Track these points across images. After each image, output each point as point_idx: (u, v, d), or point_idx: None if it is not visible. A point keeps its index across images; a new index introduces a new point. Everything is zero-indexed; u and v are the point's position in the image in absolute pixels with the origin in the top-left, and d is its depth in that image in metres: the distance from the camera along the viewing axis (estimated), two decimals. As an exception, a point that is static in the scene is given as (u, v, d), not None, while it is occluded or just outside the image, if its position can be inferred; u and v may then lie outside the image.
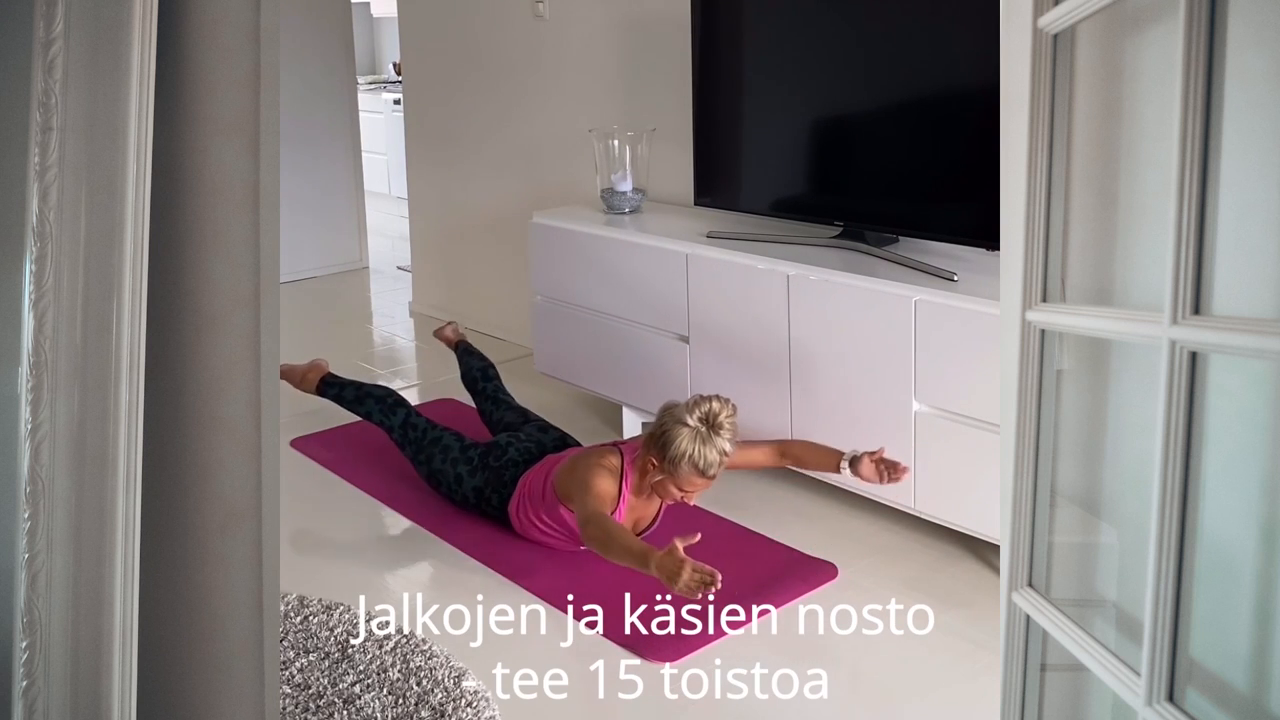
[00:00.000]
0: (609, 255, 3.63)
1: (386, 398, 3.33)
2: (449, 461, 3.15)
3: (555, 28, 4.38)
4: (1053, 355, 1.36)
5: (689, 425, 2.65)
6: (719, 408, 2.66)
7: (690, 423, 2.65)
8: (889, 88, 3.11)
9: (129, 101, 1.42)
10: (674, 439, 2.65)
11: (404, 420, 3.27)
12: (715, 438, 2.65)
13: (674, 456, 2.65)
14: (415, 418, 3.27)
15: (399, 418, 3.27)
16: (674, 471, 2.68)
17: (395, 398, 3.33)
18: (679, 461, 2.65)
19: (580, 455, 2.91)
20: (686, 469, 2.66)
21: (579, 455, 2.92)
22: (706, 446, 2.64)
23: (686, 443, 2.64)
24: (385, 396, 3.33)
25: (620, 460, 2.81)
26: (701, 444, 2.64)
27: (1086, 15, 1.23)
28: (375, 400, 3.33)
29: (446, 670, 2.47)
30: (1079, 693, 1.39)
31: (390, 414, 3.29)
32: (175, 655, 1.58)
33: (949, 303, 2.76)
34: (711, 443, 2.64)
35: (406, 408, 3.30)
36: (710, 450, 2.64)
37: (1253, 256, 0.97)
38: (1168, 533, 1.05)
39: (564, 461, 2.93)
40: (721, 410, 2.66)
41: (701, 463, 2.65)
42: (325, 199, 6.18)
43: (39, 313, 1.42)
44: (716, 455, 2.66)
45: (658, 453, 2.70)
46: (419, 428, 3.25)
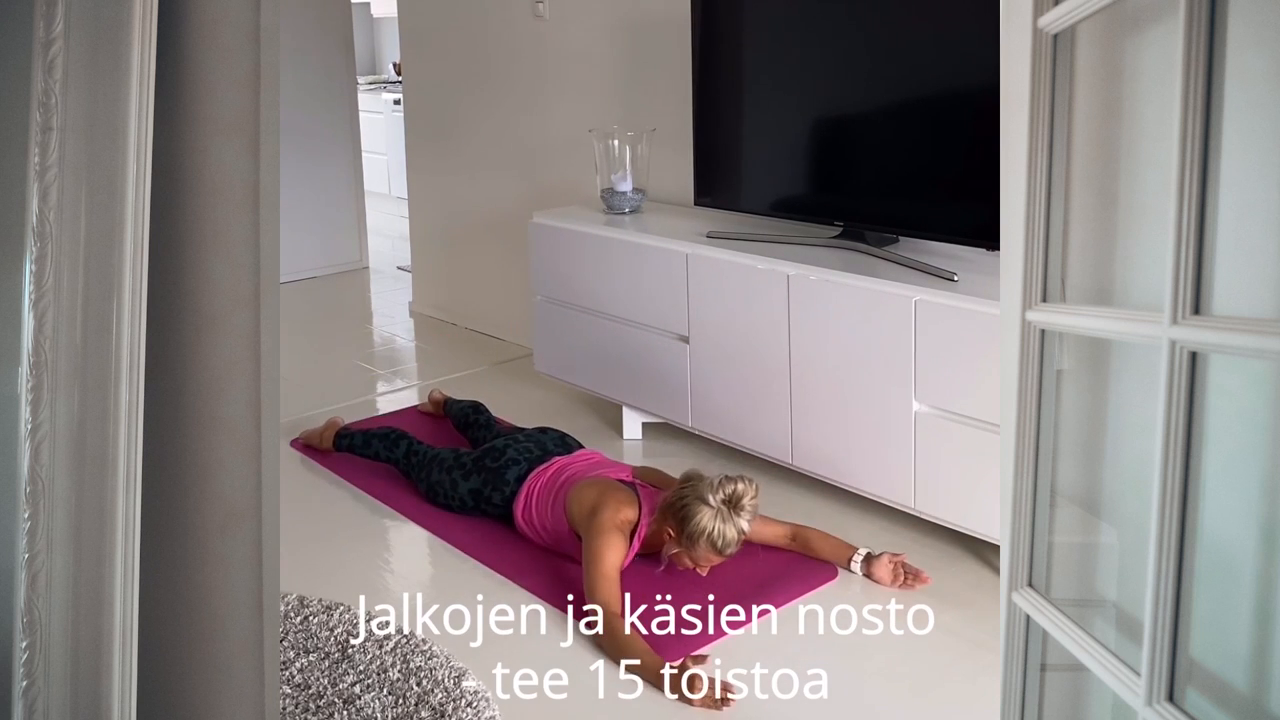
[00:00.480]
0: (609, 255, 3.63)
1: (389, 434, 3.49)
2: (444, 471, 3.20)
3: (555, 28, 4.38)
4: (1053, 355, 1.36)
5: (711, 505, 2.64)
6: (744, 490, 2.65)
7: (713, 503, 2.64)
8: (889, 88, 3.11)
9: (129, 101, 1.42)
10: (694, 515, 2.64)
11: (406, 450, 3.40)
12: (736, 518, 2.65)
13: (693, 532, 2.64)
14: (417, 445, 3.41)
15: (402, 449, 3.42)
16: (691, 547, 2.67)
17: (398, 433, 3.49)
18: (698, 539, 2.64)
19: (597, 494, 2.84)
20: (704, 546, 2.65)
21: (595, 490, 2.86)
22: (726, 525, 2.64)
23: (707, 521, 2.63)
24: (388, 434, 3.49)
25: (637, 512, 2.80)
26: (722, 523, 2.64)
27: (1086, 15, 1.23)
28: (379, 439, 3.49)
29: (446, 670, 2.47)
30: (1079, 693, 1.39)
31: (394, 447, 3.44)
32: (175, 655, 1.58)
33: (949, 303, 2.76)
34: (731, 521, 2.64)
35: (409, 439, 3.44)
36: (730, 529, 2.64)
37: (1253, 256, 0.97)
38: (1168, 533, 1.05)
39: (577, 485, 2.91)
40: (746, 493, 2.65)
41: (720, 541, 2.64)
42: (325, 199, 6.18)
43: (39, 313, 1.42)
44: (735, 534, 2.65)
45: (676, 525, 2.68)
46: (420, 452, 3.37)
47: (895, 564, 2.83)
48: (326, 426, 3.68)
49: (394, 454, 3.42)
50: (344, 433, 3.61)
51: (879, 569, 2.84)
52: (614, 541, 2.71)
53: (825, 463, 3.12)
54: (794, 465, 3.21)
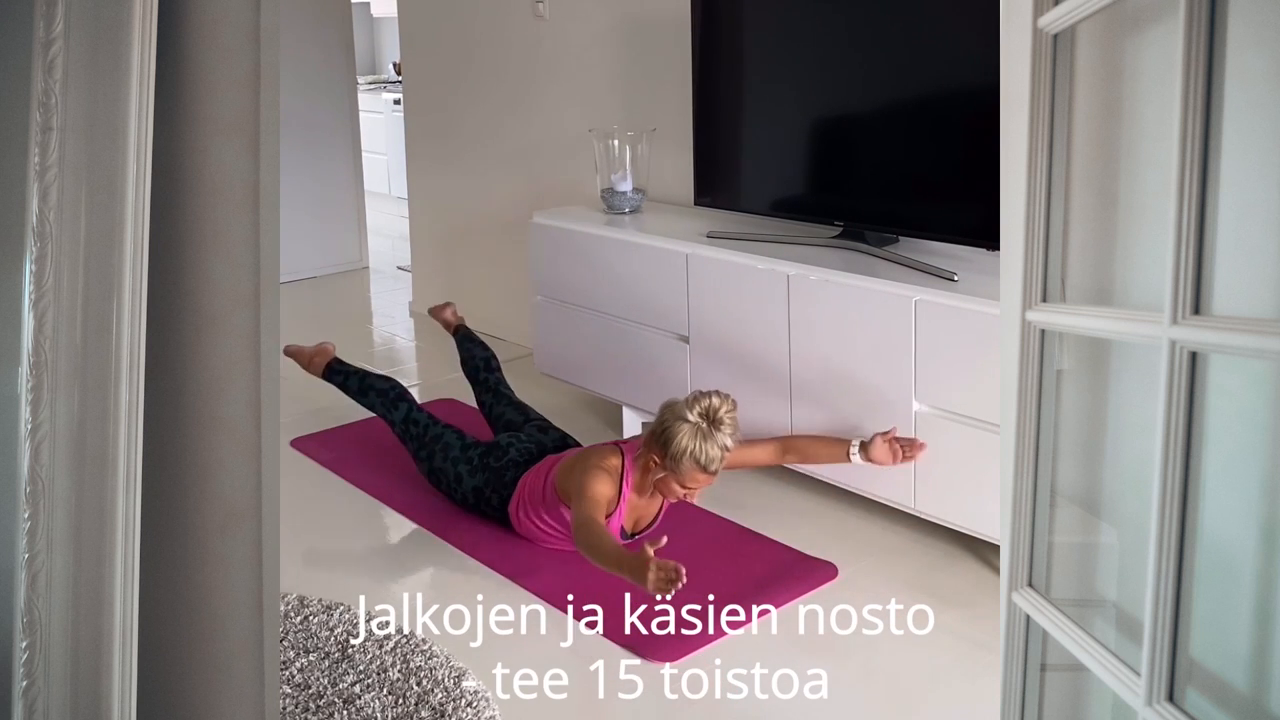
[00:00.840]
0: (609, 255, 3.63)
1: (389, 391, 3.33)
2: (449, 460, 3.16)
3: (555, 28, 4.38)
4: (1053, 355, 1.36)
5: (689, 421, 2.66)
6: (719, 403, 2.67)
7: (691, 418, 2.66)
8: (889, 88, 3.11)
9: (129, 101, 1.42)
10: (675, 435, 2.66)
11: (405, 415, 3.27)
12: (716, 433, 2.66)
13: (675, 453, 2.66)
14: (417, 413, 3.28)
15: (400, 412, 3.28)
16: (676, 468, 2.68)
17: (398, 391, 3.33)
18: (680, 458, 2.66)
19: (581, 455, 2.91)
20: (688, 465, 2.66)
21: (579, 455, 2.92)
22: (708, 442, 2.65)
23: (688, 439, 2.65)
24: (388, 390, 3.33)
25: (621, 460, 2.82)
26: (703, 440, 2.65)
27: (1086, 15, 1.23)
28: (378, 394, 3.33)
29: (446, 670, 2.47)
30: (1079, 693, 1.39)
31: (392, 408, 3.29)
32: (175, 655, 1.58)
33: (949, 303, 2.76)
34: (712, 438, 2.65)
35: (409, 402, 3.30)
36: (711, 446, 2.65)
37: (1253, 256, 0.97)
38: (1168, 533, 1.05)
39: (564, 460, 2.93)
40: (721, 405, 2.67)
41: (703, 458, 2.66)
42: (325, 199, 6.18)
43: (39, 313, 1.42)
44: (718, 450, 2.66)
45: (659, 450, 2.71)
46: (420, 424, 3.25)
47: (889, 442, 2.82)
48: (318, 352, 3.44)
49: (391, 415, 3.28)
50: (338, 367, 3.41)
51: (876, 452, 2.83)
52: (599, 477, 2.74)
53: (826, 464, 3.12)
54: (794, 465, 3.21)
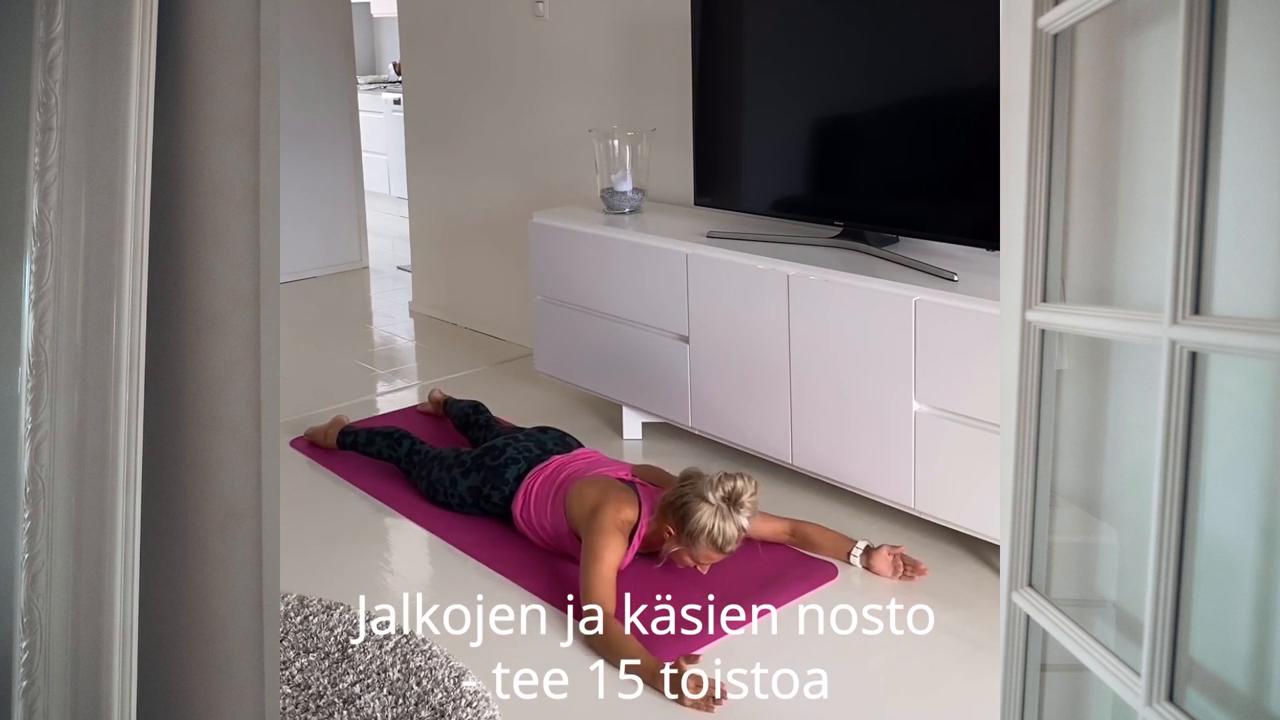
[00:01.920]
0: (609, 255, 3.63)
1: (393, 433, 3.50)
2: (444, 469, 3.21)
3: (555, 28, 4.38)
4: (1053, 355, 1.36)
5: (711, 503, 2.63)
6: (744, 487, 2.65)
7: (713, 500, 2.63)
8: (889, 88, 3.11)
9: (129, 101, 1.42)
10: (694, 513, 2.64)
11: (409, 449, 3.42)
12: (736, 514, 2.64)
13: (693, 530, 2.64)
14: (419, 445, 3.42)
15: (404, 448, 3.43)
16: (691, 545, 2.67)
17: (400, 432, 3.50)
18: (698, 536, 2.64)
19: (597, 496, 2.83)
20: (704, 544, 2.65)
21: (596, 492, 2.84)
22: (726, 522, 2.63)
23: (707, 518, 2.63)
24: (391, 432, 3.51)
25: (637, 512, 2.79)
26: (722, 520, 2.63)
27: (1086, 15, 1.23)
28: (383, 437, 3.51)
29: (446, 670, 2.47)
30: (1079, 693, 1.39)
31: (396, 446, 3.45)
32: (175, 655, 1.58)
33: (949, 303, 2.76)
34: (731, 519, 2.64)
35: (411, 439, 3.45)
36: (730, 526, 2.64)
37: (1253, 256, 0.97)
38: (1168, 533, 1.05)
39: (577, 484, 2.90)
40: (745, 489, 2.65)
41: (720, 539, 2.64)
42: (325, 199, 6.18)
43: (39, 313, 1.42)
44: (735, 531, 2.65)
45: (676, 523, 2.68)
46: (421, 451, 3.39)
47: (894, 556, 2.86)
48: (331, 425, 3.70)
49: (396, 453, 3.43)
50: (348, 430, 3.62)
51: (878, 561, 2.87)
52: (613, 542, 2.71)
53: (825, 463, 3.12)
54: (794, 465, 3.21)
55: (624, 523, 2.76)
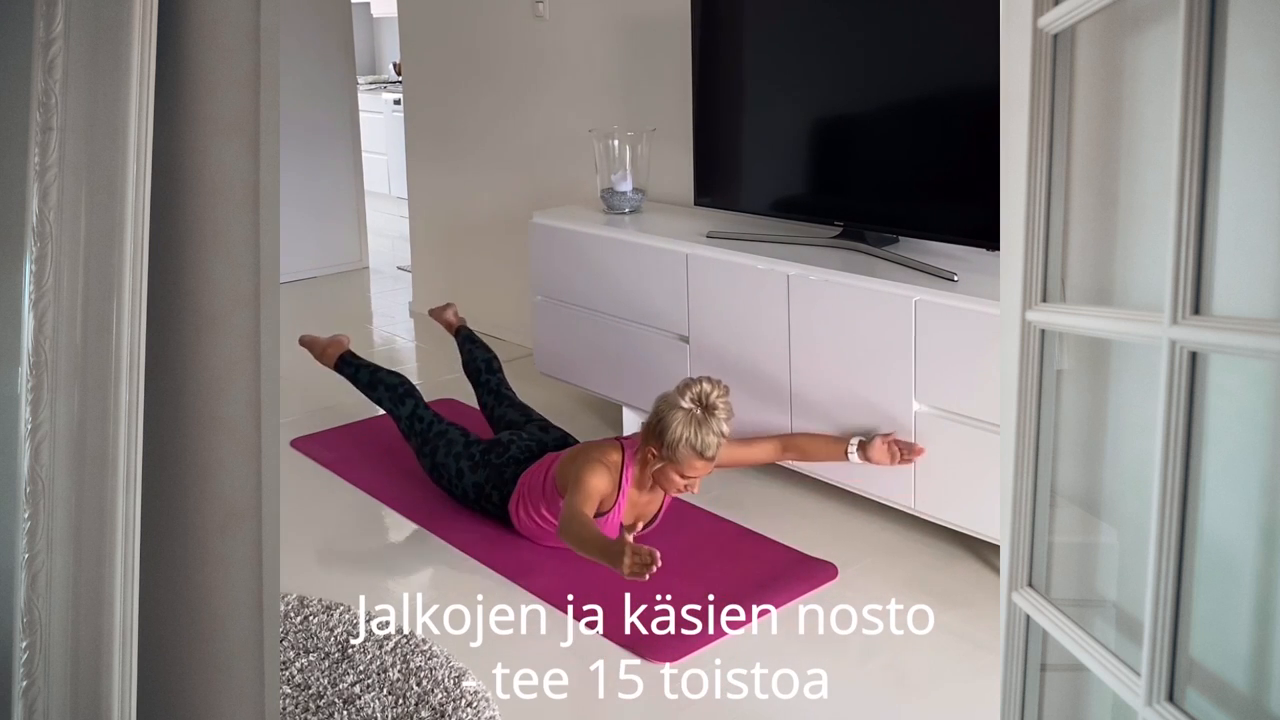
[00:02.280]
0: (609, 255, 3.63)
1: (398, 386, 3.35)
2: (452, 455, 3.17)
3: (555, 28, 4.38)
4: (1053, 355, 1.36)
5: (683, 408, 2.68)
6: (710, 388, 2.70)
7: (684, 405, 2.68)
8: (889, 88, 3.11)
9: (129, 101, 1.42)
10: (670, 424, 2.68)
11: (411, 411, 3.30)
12: (711, 418, 2.68)
13: (672, 441, 2.68)
14: (423, 410, 3.30)
15: (407, 408, 3.31)
16: (674, 457, 2.70)
17: (406, 387, 3.36)
18: (677, 446, 2.68)
19: (581, 449, 2.92)
20: (685, 452, 2.68)
21: (580, 449, 2.94)
22: (703, 428, 2.67)
23: (682, 426, 2.67)
24: (397, 385, 3.36)
25: (621, 455, 2.83)
26: (698, 426, 2.67)
27: (1086, 15, 1.23)
28: (387, 388, 3.36)
29: (446, 670, 2.47)
30: (1079, 693, 1.39)
31: (399, 403, 3.32)
32: (175, 655, 1.58)
33: (949, 303, 2.76)
34: (707, 424, 2.67)
35: (416, 398, 3.33)
36: (707, 432, 2.67)
37: (1253, 256, 0.97)
38: (1168, 533, 1.05)
39: (564, 455, 2.94)
40: (713, 390, 2.69)
41: (699, 444, 2.67)
42: (325, 199, 6.18)
43: (39, 313, 1.42)
44: (714, 436, 2.68)
45: (656, 442, 2.72)
46: (425, 420, 3.27)
47: (888, 443, 2.88)
48: (331, 344, 3.53)
49: (398, 410, 3.31)
50: (349, 359, 3.48)
51: (875, 453, 2.89)
52: (596, 470, 2.75)
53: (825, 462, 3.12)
54: (794, 465, 3.21)
55: (610, 462, 2.80)
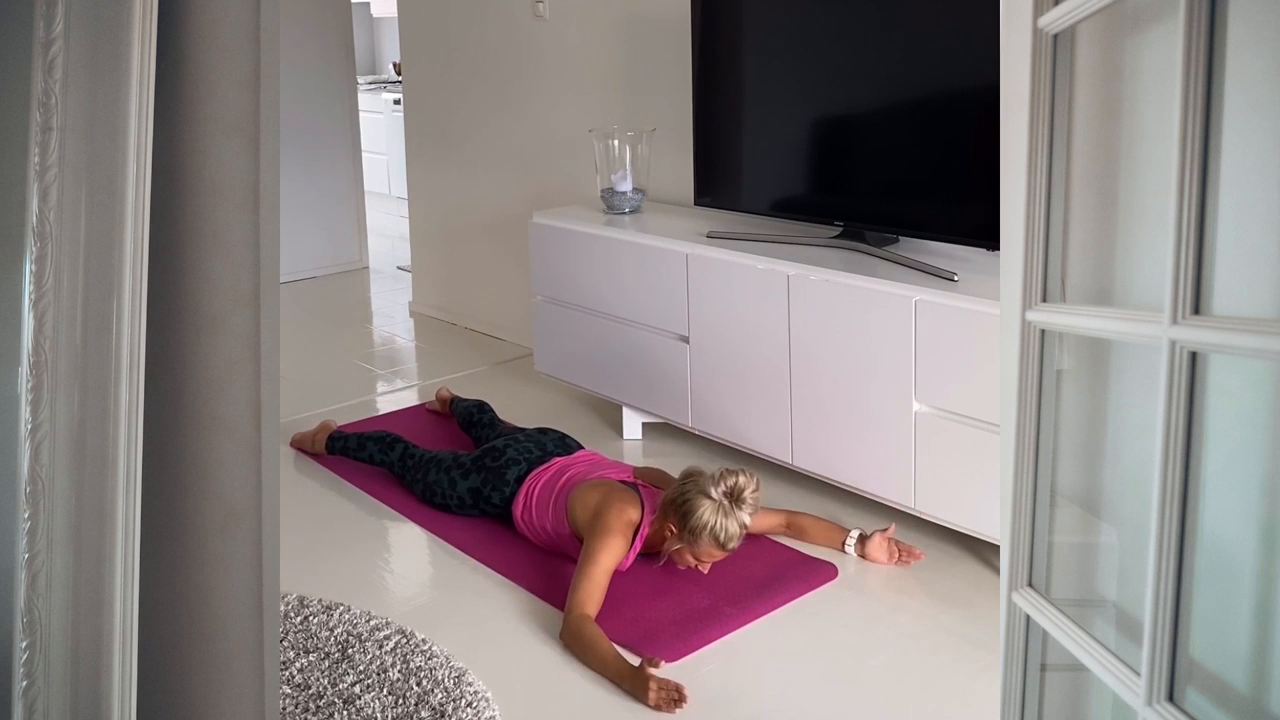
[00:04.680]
0: (609, 255, 3.63)
1: (384, 438, 3.47)
2: (441, 471, 3.20)
3: (555, 28, 4.38)
4: (1053, 355, 1.36)
5: (713, 499, 2.62)
6: (745, 483, 2.64)
7: (714, 496, 2.62)
8: (889, 87, 3.11)
9: (129, 101, 1.42)
10: (695, 510, 2.62)
11: (402, 454, 3.40)
12: (737, 511, 2.63)
13: (695, 527, 2.63)
14: (412, 449, 3.40)
15: (397, 452, 3.41)
16: (694, 542, 2.65)
17: (391, 437, 3.47)
18: (700, 533, 2.63)
19: (600, 499, 2.82)
20: (707, 541, 2.63)
21: (599, 495, 2.83)
22: (728, 519, 2.62)
23: (709, 515, 2.61)
24: (383, 437, 3.48)
25: (640, 511, 2.79)
26: (724, 517, 2.62)
27: (1086, 15, 1.23)
28: (374, 442, 3.47)
29: (446, 670, 2.47)
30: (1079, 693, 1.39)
31: (389, 450, 3.43)
32: (175, 655, 1.58)
33: (949, 303, 2.76)
34: (733, 515, 2.63)
35: (403, 443, 3.43)
36: (731, 523, 2.63)
37: (1253, 256, 0.97)
38: (1168, 533, 1.05)
39: (580, 488, 2.89)
40: (747, 485, 2.64)
41: (722, 535, 2.62)
42: (325, 199, 6.19)
43: (39, 313, 1.42)
44: (737, 528, 2.64)
45: (677, 521, 2.67)
46: (415, 455, 3.37)
47: (888, 541, 2.90)
48: (319, 430, 3.67)
49: (389, 457, 3.41)
50: (337, 436, 3.59)
51: (873, 549, 2.90)
52: (614, 544, 2.70)
53: (825, 463, 3.12)
54: (794, 465, 3.21)
55: (628, 524, 2.75)
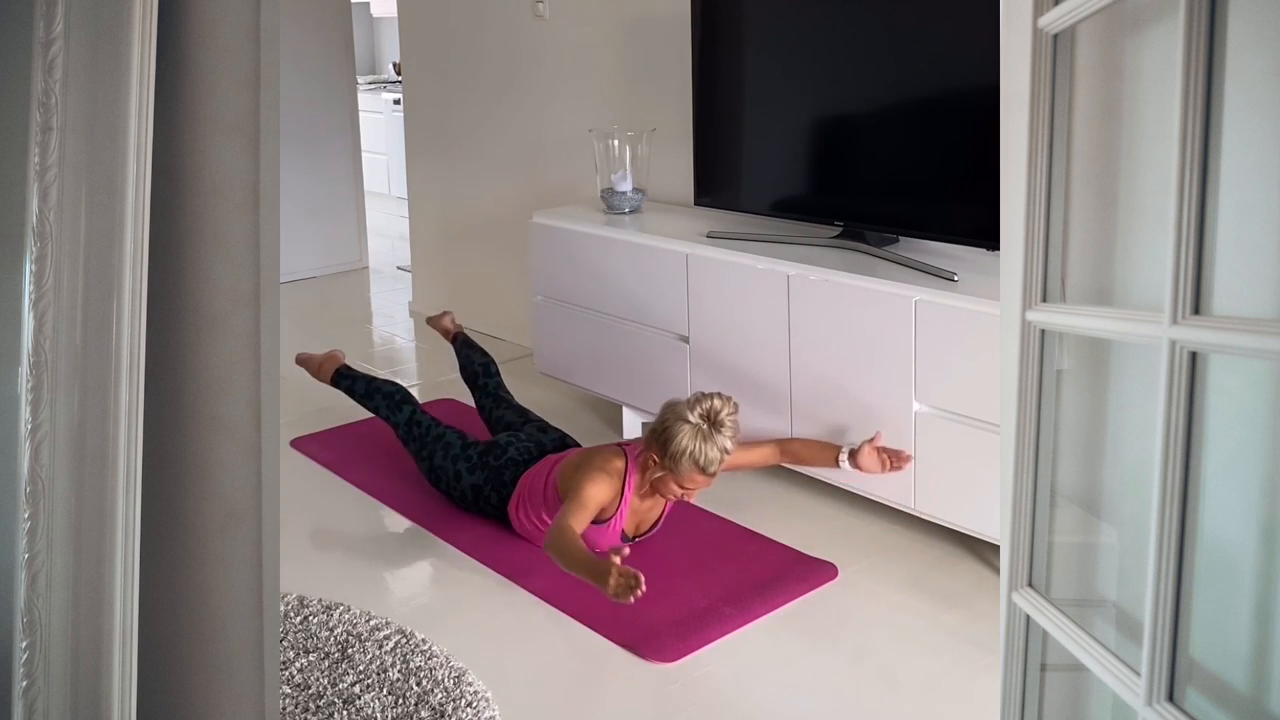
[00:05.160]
0: (609, 255, 3.63)
1: (394, 394, 3.37)
2: (449, 458, 3.17)
3: (555, 28, 4.38)
4: (1053, 355, 1.36)
5: (690, 422, 2.66)
6: (720, 405, 2.67)
7: (692, 419, 2.66)
8: (889, 88, 3.11)
9: (129, 101, 1.42)
10: (675, 435, 2.66)
11: (409, 417, 3.31)
12: (716, 435, 2.66)
13: (675, 453, 2.66)
14: (420, 415, 3.31)
15: (404, 415, 3.31)
16: (675, 468, 2.68)
17: (403, 394, 3.37)
18: (680, 458, 2.66)
19: (585, 455, 2.91)
20: (687, 465, 2.66)
21: (583, 455, 2.92)
22: (708, 444, 2.65)
23: (688, 439, 2.65)
24: (393, 393, 3.37)
25: (624, 462, 2.82)
26: (703, 441, 2.65)
27: (1086, 15, 1.23)
28: (383, 396, 3.37)
29: (446, 670, 2.47)
30: (1079, 693, 1.39)
31: (396, 410, 3.33)
32: (175, 655, 1.58)
33: (949, 303, 2.76)
34: (712, 440, 2.65)
35: (413, 405, 3.34)
36: (711, 447, 2.65)
37: (1253, 256, 0.97)
38: (1168, 533, 1.05)
39: (567, 460, 2.93)
40: (723, 407, 2.67)
41: (702, 459, 2.66)
42: (325, 199, 6.18)
43: (39, 313, 1.42)
44: (717, 453, 2.66)
45: (659, 449, 2.71)
46: (423, 425, 3.28)
47: (876, 450, 2.88)
48: (327, 359, 3.54)
49: (395, 417, 3.32)
50: (345, 374, 3.48)
51: (865, 460, 2.89)
52: (599, 480, 2.73)
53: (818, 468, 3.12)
54: (794, 465, 3.21)
55: (613, 470, 2.78)
